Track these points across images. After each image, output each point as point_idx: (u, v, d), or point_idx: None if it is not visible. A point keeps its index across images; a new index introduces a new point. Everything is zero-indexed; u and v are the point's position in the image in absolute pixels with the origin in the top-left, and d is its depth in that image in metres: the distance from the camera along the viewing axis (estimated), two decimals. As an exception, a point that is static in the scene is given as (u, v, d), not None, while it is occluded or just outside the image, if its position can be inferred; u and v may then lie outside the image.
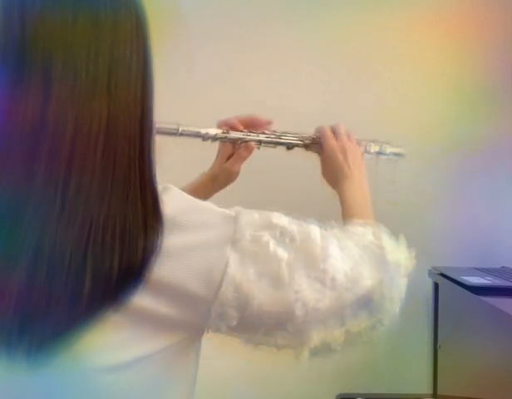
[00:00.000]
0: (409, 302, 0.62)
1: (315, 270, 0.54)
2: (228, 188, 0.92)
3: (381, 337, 0.61)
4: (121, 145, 0.49)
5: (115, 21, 0.50)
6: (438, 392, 1.25)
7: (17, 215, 0.46)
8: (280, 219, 0.56)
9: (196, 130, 0.86)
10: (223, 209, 0.55)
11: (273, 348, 0.57)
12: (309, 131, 0.92)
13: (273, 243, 0.53)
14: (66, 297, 0.45)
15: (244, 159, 0.90)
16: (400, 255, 0.62)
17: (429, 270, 1.31)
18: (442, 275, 1.24)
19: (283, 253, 0.53)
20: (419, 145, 1.38)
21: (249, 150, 0.89)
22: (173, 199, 0.52)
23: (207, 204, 0.55)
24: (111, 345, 0.49)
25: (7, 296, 0.45)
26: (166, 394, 0.55)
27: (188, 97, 1.34)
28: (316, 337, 0.56)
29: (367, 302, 0.58)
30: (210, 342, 0.56)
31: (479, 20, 1.37)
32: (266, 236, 0.53)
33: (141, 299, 0.48)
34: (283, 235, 0.54)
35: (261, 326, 0.54)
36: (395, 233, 0.63)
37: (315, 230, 0.57)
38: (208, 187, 0.91)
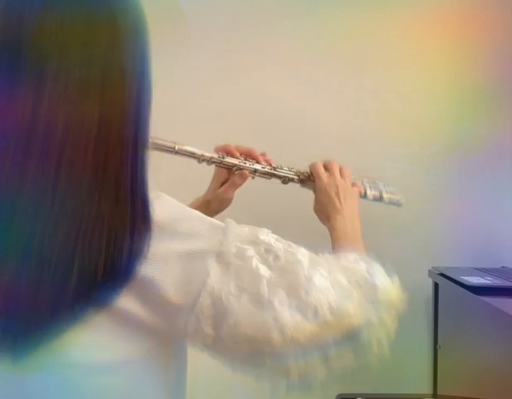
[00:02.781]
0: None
1: (297, 299, 0.52)
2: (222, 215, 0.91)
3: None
4: (113, 146, 0.49)
5: (112, 24, 0.50)
6: (438, 392, 1.26)
7: (8, 212, 0.46)
8: (267, 236, 0.55)
9: (192, 150, 0.85)
10: (213, 220, 0.55)
11: (251, 376, 0.55)
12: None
13: (257, 259, 0.53)
14: (51, 293, 0.46)
15: (238, 186, 0.90)
16: (392, 295, 0.60)
17: (429, 270, 1.31)
18: (442, 275, 1.24)
19: (265, 271, 0.52)
20: (419, 145, 1.38)
21: (244, 178, 0.89)
22: (164, 206, 0.53)
23: (197, 214, 0.55)
24: (94, 346, 0.49)
25: None
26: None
27: (188, 97, 1.34)
28: (295, 372, 0.53)
29: (353, 342, 0.56)
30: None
31: (479, 20, 1.37)
32: (250, 250, 0.53)
33: (124, 302, 0.48)
34: (267, 252, 0.54)
35: (237, 352, 0.52)
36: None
37: (303, 252, 0.56)
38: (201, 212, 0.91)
